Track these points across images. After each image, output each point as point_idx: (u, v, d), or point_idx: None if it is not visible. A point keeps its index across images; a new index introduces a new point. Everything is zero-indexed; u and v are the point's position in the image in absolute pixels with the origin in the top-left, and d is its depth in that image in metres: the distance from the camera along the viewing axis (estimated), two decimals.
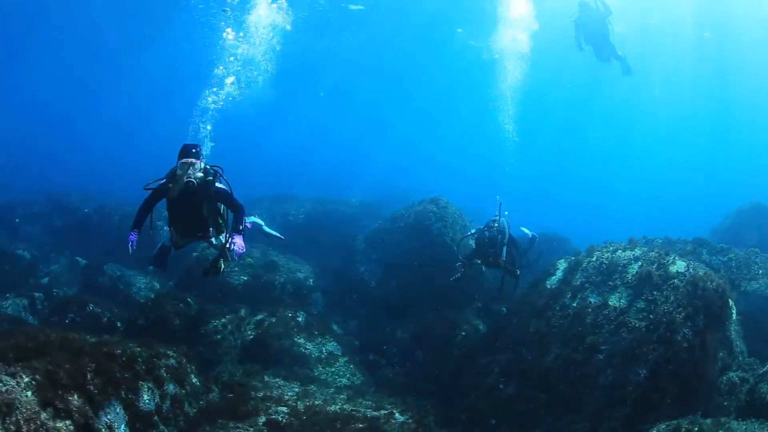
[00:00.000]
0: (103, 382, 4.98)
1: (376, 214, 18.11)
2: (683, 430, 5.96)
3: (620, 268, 8.90)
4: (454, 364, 10.99)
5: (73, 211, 20.26)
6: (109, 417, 4.81)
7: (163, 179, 7.30)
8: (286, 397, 8.45)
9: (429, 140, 63.95)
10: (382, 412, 8.61)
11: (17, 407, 3.96)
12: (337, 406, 8.43)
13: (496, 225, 11.25)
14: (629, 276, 8.69)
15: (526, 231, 13.30)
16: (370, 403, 8.88)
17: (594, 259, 9.47)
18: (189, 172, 7.01)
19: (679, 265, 8.48)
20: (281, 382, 9.13)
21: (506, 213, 11.60)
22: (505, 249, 11.17)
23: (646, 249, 9.09)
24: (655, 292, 8.18)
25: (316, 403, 8.44)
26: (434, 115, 52.02)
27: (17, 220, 19.90)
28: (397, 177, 41.29)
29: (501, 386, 9.33)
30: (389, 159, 62.66)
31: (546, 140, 53.13)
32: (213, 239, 7.73)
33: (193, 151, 7.13)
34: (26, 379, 4.20)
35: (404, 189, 25.81)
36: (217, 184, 7.33)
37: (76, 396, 4.54)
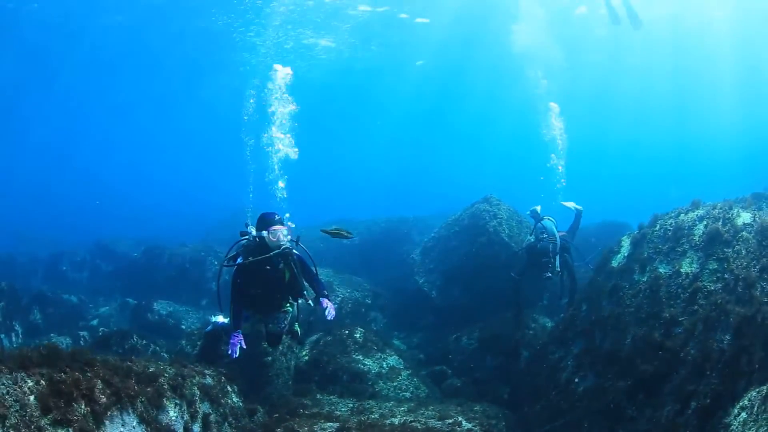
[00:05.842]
0: (114, 393, 4.69)
1: (429, 228, 17.57)
2: None
3: (686, 231, 8.00)
4: (524, 366, 10.21)
5: (121, 257, 19.79)
6: (119, 431, 4.51)
7: (234, 253, 7.36)
8: (338, 413, 7.96)
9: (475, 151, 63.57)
10: (447, 421, 7.95)
11: (16, 411, 3.76)
12: (396, 419, 7.84)
13: (545, 234, 10.59)
14: (696, 237, 7.79)
15: (570, 205, 12.46)
16: (433, 413, 8.24)
17: (658, 228, 8.57)
18: (280, 239, 7.09)
19: (744, 217, 7.63)
20: (335, 399, 8.66)
21: (546, 217, 11.04)
22: (557, 258, 10.55)
23: (708, 207, 8.20)
24: (726, 249, 7.26)
25: (372, 417, 7.88)
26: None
27: (64, 267, 19.72)
28: (447, 190, 41.11)
29: (576, 380, 8.45)
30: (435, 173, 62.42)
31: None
32: (290, 310, 7.71)
33: (278, 218, 7.21)
34: (30, 384, 4.03)
35: (454, 202, 25.32)
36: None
37: (81, 405, 4.30)
